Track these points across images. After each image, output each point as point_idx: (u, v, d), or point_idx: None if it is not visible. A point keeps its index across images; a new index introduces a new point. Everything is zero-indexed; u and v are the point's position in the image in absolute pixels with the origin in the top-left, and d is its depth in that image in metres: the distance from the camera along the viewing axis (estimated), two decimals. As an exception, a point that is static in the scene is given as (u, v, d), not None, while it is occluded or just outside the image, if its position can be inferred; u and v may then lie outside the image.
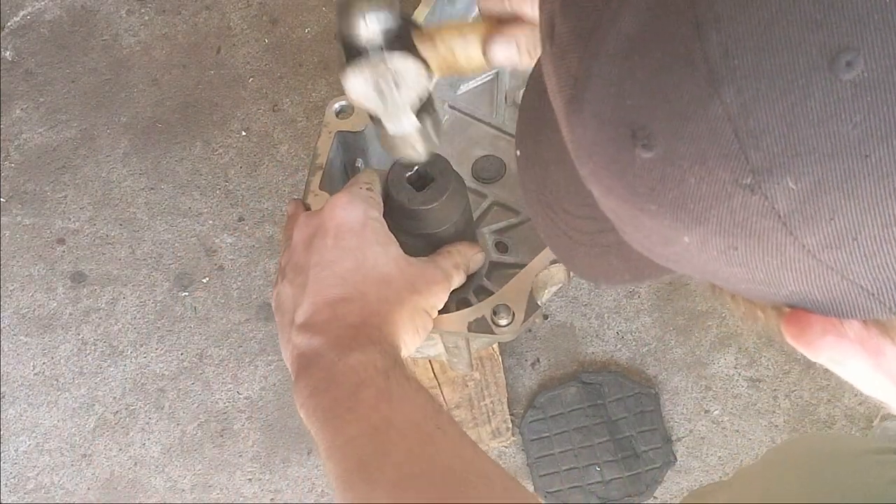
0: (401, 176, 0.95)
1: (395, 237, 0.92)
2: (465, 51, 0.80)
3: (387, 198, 0.96)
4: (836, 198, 0.37)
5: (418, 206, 0.95)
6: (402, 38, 0.79)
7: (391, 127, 0.84)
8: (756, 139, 0.37)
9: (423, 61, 0.79)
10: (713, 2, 0.37)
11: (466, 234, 1.01)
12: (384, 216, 0.93)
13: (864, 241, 0.38)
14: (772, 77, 0.37)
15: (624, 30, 0.40)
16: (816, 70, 0.36)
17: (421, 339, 0.90)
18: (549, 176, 0.49)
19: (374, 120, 0.85)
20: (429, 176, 0.96)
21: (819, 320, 0.43)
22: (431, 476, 0.72)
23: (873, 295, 0.40)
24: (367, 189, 0.92)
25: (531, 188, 0.54)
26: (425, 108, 0.84)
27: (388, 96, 0.80)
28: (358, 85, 0.79)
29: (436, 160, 0.96)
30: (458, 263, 0.95)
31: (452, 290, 0.96)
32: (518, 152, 0.55)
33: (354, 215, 0.89)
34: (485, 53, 0.79)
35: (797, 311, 0.43)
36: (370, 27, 0.77)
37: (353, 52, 0.78)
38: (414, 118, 0.83)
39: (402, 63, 0.78)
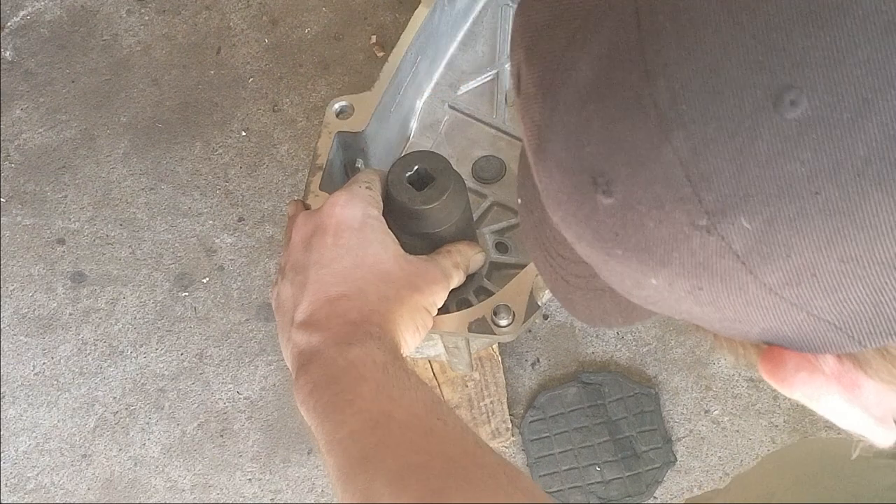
0: (401, 175, 0.95)
1: (396, 236, 0.92)
2: None
3: (387, 197, 0.96)
4: (790, 235, 0.38)
5: (418, 206, 0.95)
6: None
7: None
8: (707, 182, 0.38)
9: None
10: (661, 49, 0.38)
11: (467, 233, 1.01)
12: (384, 216, 0.93)
13: (823, 276, 0.39)
14: (719, 120, 0.37)
15: (580, 79, 0.41)
16: (762, 111, 0.36)
17: (420, 337, 0.90)
18: (545, 221, 0.49)
19: None
20: (429, 175, 0.96)
21: (793, 357, 0.43)
22: (433, 466, 0.72)
23: (841, 329, 0.41)
24: (367, 188, 0.92)
25: (530, 233, 0.55)
26: None
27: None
28: None
29: (436, 159, 0.96)
30: (458, 262, 0.96)
31: (452, 290, 0.96)
32: (519, 200, 0.56)
33: (354, 213, 0.89)
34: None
35: (772, 347, 0.44)
36: None
37: None
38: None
39: None
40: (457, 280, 0.95)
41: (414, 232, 0.96)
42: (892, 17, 0.35)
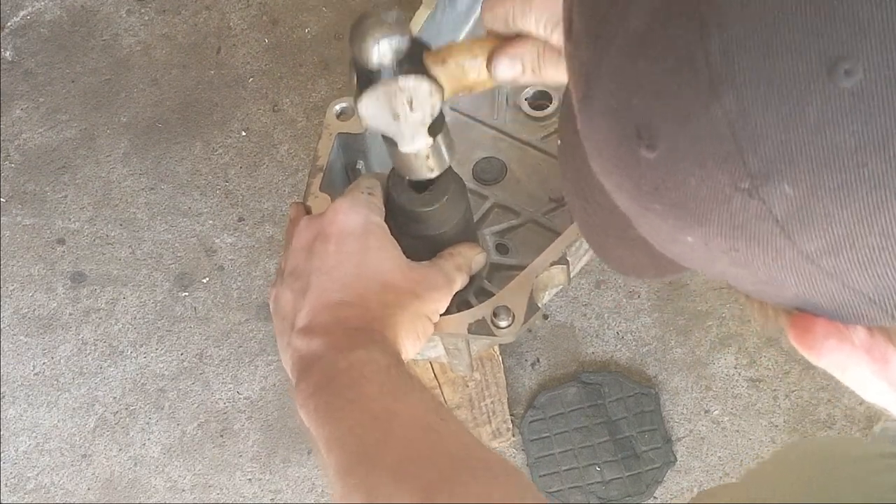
0: (401, 178, 0.95)
1: (397, 240, 0.92)
2: (475, 69, 0.82)
3: (388, 200, 0.96)
4: (832, 205, 0.38)
5: (419, 209, 0.95)
6: (414, 60, 0.80)
7: (405, 147, 0.86)
8: (754, 144, 0.38)
9: (436, 81, 0.80)
10: (717, 5, 0.37)
11: (467, 234, 1.01)
12: (385, 219, 0.93)
13: (862, 249, 0.38)
14: (770, 82, 0.37)
15: (632, 29, 0.40)
16: (815, 77, 0.36)
17: (421, 344, 0.90)
18: (586, 167, 0.49)
19: (387, 140, 0.86)
20: (432, 179, 0.96)
21: (823, 325, 0.43)
22: (432, 460, 0.72)
23: (875, 302, 0.40)
24: (369, 194, 0.92)
25: (569, 178, 0.54)
26: (437, 127, 0.85)
27: (402, 118, 0.82)
28: (372, 108, 0.80)
29: None
30: (461, 265, 0.96)
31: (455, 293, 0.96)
32: (559, 141, 0.55)
33: (356, 220, 0.89)
34: (490, 70, 0.81)
35: (803, 314, 0.43)
36: (383, 52, 0.78)
37: (365, 77, 0.79)
38: (428, 137, 0.85)
39: (415, 84, 0.80)
40: (460, 283, 0.95)
41: (415, 234, 0.96)
42: None
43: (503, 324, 0.95)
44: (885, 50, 0.35)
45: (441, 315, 0.94)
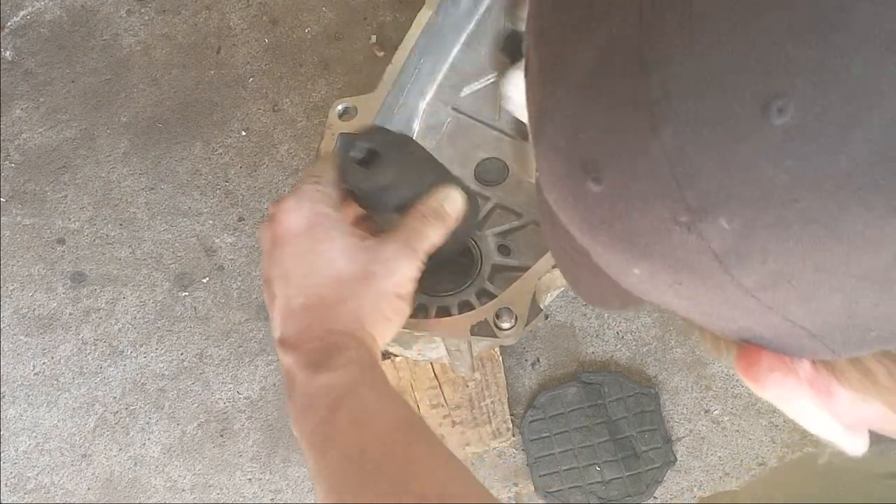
0: (346, 159, 0.89)
1: (376, 217, 0.89)
2: None
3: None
4: (768, 240, 0.38)
5: (373, 188, 0.88)
6: None
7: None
8: (691, 179, 0.38)
9: None
10: (659, 44, 0.38)
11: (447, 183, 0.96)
12: (358, 199, 0.90)
13: (799, 284, 0.39)
14: (707, 120, 0.37)
15: (580, 67, 0.41)
16: (749, 115, 0.37)
17: (397, 324, 0.87)
18: (560, 225, 0.50)
19: (519, 128, 0.81)
20: (373, 151, 0.89)
21: (768, 358, 0.43)
22: None
23: (816, 336, 0.41)
24: (315, 182, 0.88)
25: (543, 207, 0.55)
26: None
27: None
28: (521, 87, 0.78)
29: (376, 132, 0.91)
30: (427, 215, 0.90)
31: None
32: (537, 172, 0.56)
33: (300, 217, 0.86)
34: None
35: (750, 346, 0.44)
36: None
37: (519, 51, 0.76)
38: None
39: None
40: (434, 234, 0.89)
41: (390, 207, 0.91)
42: (888, 37, 0.35)
43: (505, 325, 0.95)
44: (816, 87, 0.36)
45: (442, 316, 0.94)
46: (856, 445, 0.48)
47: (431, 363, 1.49)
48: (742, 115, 0.37)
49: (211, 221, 2.08)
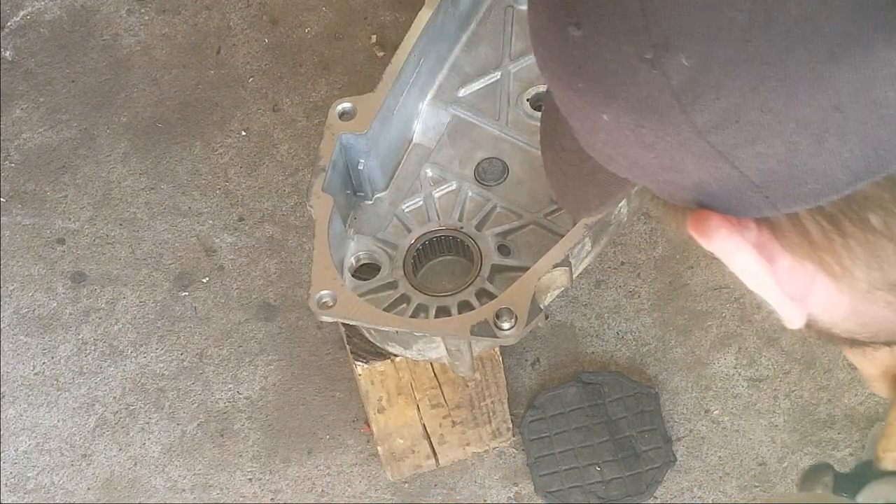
0: None
1: None
2: None
3: None
4: (720, 77, 0.42)
5: None
6: None
7: None
8: (657, 16, 0.42)
9: None
10: None
11: None
12: None
13: (744, 124, 0.42)
14: None
15: None
16: None
17: None
18: (560, 119, 0.54)
19: None
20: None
21: (718, 217, 0.47)
22: None
23: (759, 188, 0.45)
24: None
25: (546, 131, 0.59)
26: None
27: None
28: None
29: None
30: None
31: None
32: (543, 107, 0.60)
33: None
34: None
35: (702, 209, 0.48)
36: None
37: None
38: None
39: None
40: None
41: None
42: None
43: (506, 326, 0.95)
44: None
45: (443, 316, 0.94)
46: (794, 318, 0.51)
47: (431, 363, 1.49)
48: None
49: (211, 221, 2.08)
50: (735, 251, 0.47)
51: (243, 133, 2.17)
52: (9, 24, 2.34)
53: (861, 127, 0.42)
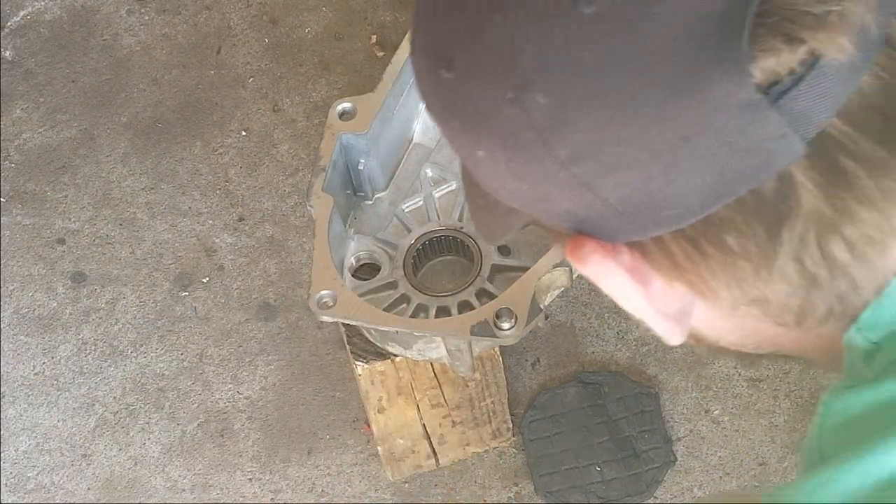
0: None
1: None
2: None
3: None
4: (576, 114, 0.45)
5: None
6: None
7: None
8: (516, 59, 0.45)
9: None
10: None
11: None
12: None
13: (602, 156, 0.45)
14: (530, 7, 0.45)
15: None
16: (564, 4, 0.44)
17: None
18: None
19: None
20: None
21: (591, 242, 0.50)
22: None
23: (622, 214, 0.47)
24: None
25: (464, 176, 0.62)
26: None
27: None
28: None
29: None
30: None
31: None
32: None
33: None
34: None
35: (579, 235, 0.51)
36: None
37: None
38: None
39: None
40: None
41: None
42: None
43: (506, 326, 0.96)
44: None
45: (442, 315, 0.94)
46: (670, 336, 0.54)
47: (431, 363, 1.49)
48: (559, 4, 0.44)
49: (211, 221, 2.08)
50: (608, 275, 0.50)
51: (243, 133, 2.17)
52: (9, 24, 2.34)
53: (708, 155, 0.44)
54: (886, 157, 0.45)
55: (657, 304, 0.51)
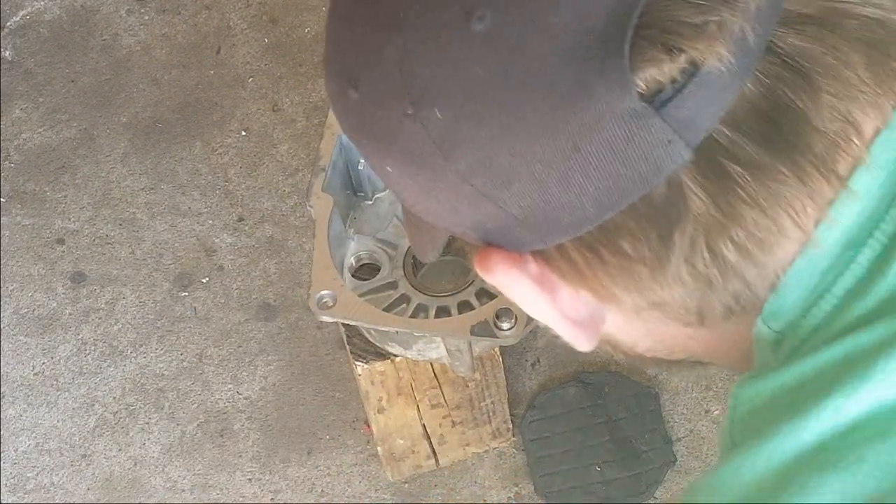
0: None
1: None
2: None
3: None
4: (471, 128, 0.46)
5: None
6: None
7: None
8: (412, 77, 0.47)
9: None
10: None
11: None
12: None
13: (498, 168, 0.47)
14: (425, 27, 0.46)
15: (338, 7, 0.52)
16: (457, 23, 0.45)
17: None
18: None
19: None
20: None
21: (498, 253, 0.51)
22: None
23: (524, 223, 0.49)
24: None
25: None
26: None
27: None
28: None
29: None
30: None
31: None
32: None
33: None
34: None
35: (487, 247, 0.52)
36: None
37: None
38: None
39: None
40: None
41: None
42: None
43: (506, 326, 0.95)
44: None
45: (443, 317, 0.94)
46: (580, 342, 0.55)
47: (431, 363, 1.49)
48: (451, 22, 0.45)
49: (211, 221, 2.08)
50: (514, 284, 0.52)
51: (243, 133, 2.17)
52: (8, 24, 2.34)
53: (599, 163, 0.46)
54: (770, 161, 0.47)
55: (565, 311, 0.53)
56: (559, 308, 0.52)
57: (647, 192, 0.47)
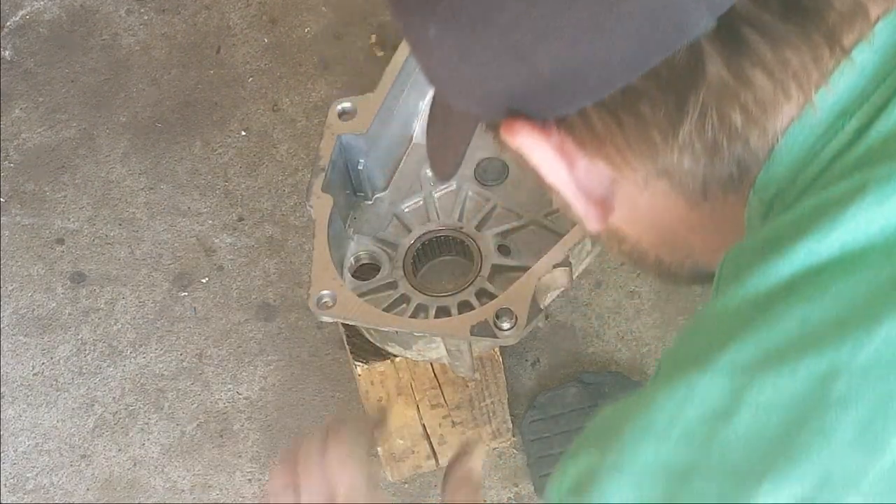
0: None
1: None
2: None
3: None
4: None
5: None
6: None
7: None
8: None
9: None
10: None
11: None
12: None
13: (538, 21, 0.49)
14: None
15: None
16: None
17: None
18: (437, 97, 0.63)
19: None
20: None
21: (523, 120, 0.54)
22: None
23: (553, 86, 0.52)
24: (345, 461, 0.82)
25: (432, 111, 0.67)
26: None
27: None
28: None
29: None
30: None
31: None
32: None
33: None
34: None
35: (512, 118, 0.55)
36: None
37: None
38: None
39: None
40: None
41: None
42: None
43: (506, 326, 0.95)
44: None
45: (443, 317, 0.94)
46: (592, 218, 0.58)
47: (431, 363, 1.48)
48: None
49: (211, 221, 2.08)
50: (535, 146, 0.55)
51: (243, 133, 2.17)
52: (8, 23, 2.34)
53: (631, 23, 0.49)
54: (785, 31, 0.50)
55: (580, 181, 0.56)
56: (576, 177, 0.56)
57: (670, 56, 0.50)
